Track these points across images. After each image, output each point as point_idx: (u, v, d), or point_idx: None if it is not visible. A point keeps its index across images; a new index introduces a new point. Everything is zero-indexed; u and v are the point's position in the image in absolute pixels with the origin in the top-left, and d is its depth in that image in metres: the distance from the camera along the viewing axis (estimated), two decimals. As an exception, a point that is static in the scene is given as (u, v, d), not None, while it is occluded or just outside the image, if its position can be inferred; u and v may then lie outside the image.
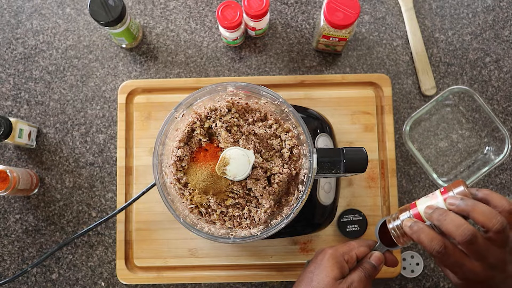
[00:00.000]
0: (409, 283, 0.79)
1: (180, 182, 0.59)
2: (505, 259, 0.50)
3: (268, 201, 0.57)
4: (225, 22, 0.74)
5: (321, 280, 0.56)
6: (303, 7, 0.85)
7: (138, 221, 0.78)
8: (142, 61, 0.84)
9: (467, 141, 0.81)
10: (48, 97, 0.83)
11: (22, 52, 0.84)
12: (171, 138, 0.60)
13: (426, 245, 0.51)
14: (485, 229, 0.49)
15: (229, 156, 0.56)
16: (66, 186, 0.81)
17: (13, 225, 0.80)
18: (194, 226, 0.57)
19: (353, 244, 0.60)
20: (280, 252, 0.77)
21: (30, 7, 0.85)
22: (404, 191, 0.80)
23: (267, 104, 0.61)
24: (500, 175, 0.81)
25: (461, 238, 0.48)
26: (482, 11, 0.85)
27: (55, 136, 0.82)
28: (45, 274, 0.79)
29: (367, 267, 0.57)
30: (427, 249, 0.51)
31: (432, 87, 0.82)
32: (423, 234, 0.51)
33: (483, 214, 0.48)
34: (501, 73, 0.83)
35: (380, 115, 0.80)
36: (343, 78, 0.81)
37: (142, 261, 0.78)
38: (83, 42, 0.84)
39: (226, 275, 0.77)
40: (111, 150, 0.81)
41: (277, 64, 0.83)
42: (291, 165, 0.59)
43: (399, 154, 0.81)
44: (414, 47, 0.82)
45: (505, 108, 0.82)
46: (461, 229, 0.48)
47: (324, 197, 0.70)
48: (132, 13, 0.85)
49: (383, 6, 0.85)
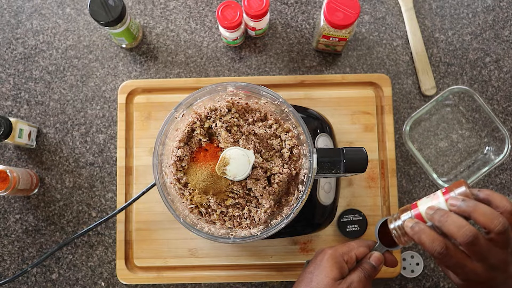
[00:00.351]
0: (409, 283, 0.79)
1: (180, 182, 0.59)
2: (507, 260, 0.50)
3: (268, 201, 0.57)
4: (225, 22, 0.74)
5: (321, 281, 0.56)
6: (303, 7, 0.85)
7: (138, 221, 0.78)
8: (142, 61, 0.84)
9: (467, 141, 0.81)
10: (48, 97, 0.83)
11: (22, 52, 0.84)
12: (171, 138, 0.60)
13: (427, 246, 0.51)
14: (487, 230, 0.49)
15: (229, 156, 0.56)
16: (66, 186, 0.81)
17: (13, 225, 0.80)
18: (194, 226, 0.57)
19: (352, 244, 0.60)
20: (280, 252, 0.77)
21: (30, 7, 0.85)
22: (404, 191, 0.80)
23: (267, 104, 0.61)
24: (500, 175, 0.81)
25: (462, 239, 0.48)
26: (482, 11, 0.85)
27: (55, 136, 0.82)
28: (45, 274, 0.79)
29: (366, 268, 0.57)
30: (428, 250, 0.51)
31: (432, 87, 0.82)
32: (424, 235, 0.51)
33: (485, 215, 0.48)
34: (501, 73, 0.83)
35: (380, 115, 0.80)
36: (343, 78, 0.81)
37: (142, 261, 0.78)
38: (83, 42, 0.84)
39: (226, 275, 0.77)
40: (111, 150, 0.81)
41: (277, 64, 0.83)
42: (291, 165, 0.59)
43: (399, 154, 0.81)
44: (414, 47, 0.82)
45: (505, 108, 0.82)
46: (462, 230, 0.48)
47: (324, 197, 0.70)
48: (132, 13, 0.85)
49: (383, 6, 0.85)
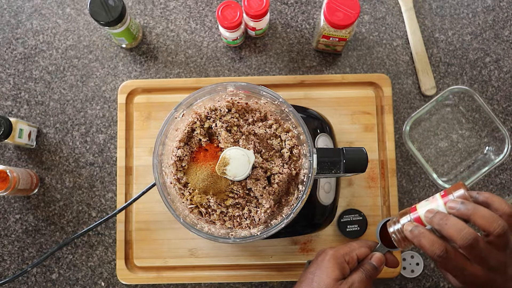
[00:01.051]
0: (409, 283, 0.79)
1: (180, 182, 0.59)
2: (506, 262, 0.50)
3: (268, 201, 0.57)
4: (225, 22, 0.74)
5: (322, 281, 0.56)
6: (303, 7, 0.85)
7: (138, 221, 0.78)
8: (142, 61, 0.84)
9: (467, 141, 0.81)
10: (48, 97, 0.83)
11: (22, 52, 0.84)
12: (171, 138, 0.60)
13: (427, 250, 0.51)
14: (486, 232, 0.49)
15: (229, 156, 0.56)
16: (66, 186, 0.80)
17: (13, 225, 0.80)
18: (194, 226, 0.57)
19: (354, 245, 0.60)
20: (280, 252, 0.77)
21: (30, 7, 0.85)
22: (404, 191, 0.80)
23: (267, 104, 0.61)
24: (500, 175, 0.81)
25: (462, 242, 0.48)
26: (482, 11, 0.85)
27: (55, 136, 0.82)
28: (45, 274, 0.79)
29: (368, 268, 0.57)
30: (428, 253, 0.51)
31: (432, 87, 0.82)
32: (424, 238, 0.51)
33: (484, 217, 0.48)
34: (501, 73, 0.83)
35: (380, 115, 0.80)
36: (343, 78, 0.80)
37: (142, 261, 0.78)
38: (83, 42, 0.84)
39: (226, 275, 0.77)
40: (111, 150, 0.81)
41: (277, 64, 0.83)
42: (291, 165, 0.59)
43: (399, 154, 0.81)
44: (414, 47, 0.82)
45: (505, 108, 0.82)
46: (462, 234, 0.48)
47: (324, 197, 0.70)
48: (132, 13, 0.85)
49: (383, 6, 0.85)
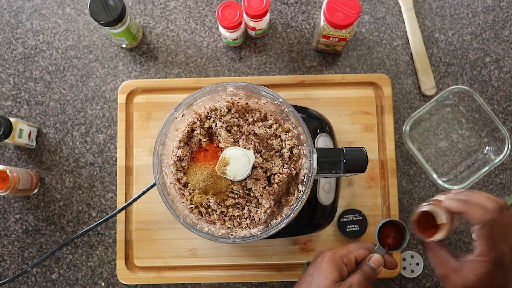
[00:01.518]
0: (409, 283, 0.79)
1: (180, 182, 0.59)
2: None
3: (268, 201, 0.57)
4: (225, 22, 0.74)
5: (320, 283, 0.56)
6: (303, 7, 0.85)
7: (138, 221, 0.78)
8: (142, 61, 0.84)
9: (467, 141, 0.81)
10: (48, 97, 0.83)
11: (22, 52, 0.84)
12: (171, 138, 0.60)
13: (482, 206, 0.49)
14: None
15: (229, 156, 0.56)
16: (66, 186, 0.80)
17: (13, 225, 0.80)
18: (194, 226, 0.57)
19: (352, 246, 0.60)
20: (280, 252, 0.77)
21: (30, 7, 0.85)
22: (404, 191, 0.80)
23: (267, 104, 0.61)
24: (500, 175, 0.81)
25: (494, 205, 0.48)
26: (482, 11, 0.84)
27: (55, 136, 0.82)
28: (45, 274, 0.79)
29: (366, 270, 0.57)
30: (479, 215, 0.49)
31: (432, 87, 0.82)
32: (475, 195, 0.50)
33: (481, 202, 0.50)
34: (501, 73, 0.83)
35: (380, 115, 0.80)
36: (343, 78, 0.80)
37: (142, 261, 0.78)
38: (83, 42, 0.84)
39: (226, 275, 0.77)
40: (111, 150, 0.81)
41: (277, 64, 0.83)
42: (291, 165, 0.59)
43: (399, 154, 0.81)
44: (414, 47, 0.82)
45: (505, 108, 0.82)
46: (491, 200, 0.49)
47: (324, 197, 0.70)
48: (132, 13, 0.85)
49: (383, 6, 0.85)
